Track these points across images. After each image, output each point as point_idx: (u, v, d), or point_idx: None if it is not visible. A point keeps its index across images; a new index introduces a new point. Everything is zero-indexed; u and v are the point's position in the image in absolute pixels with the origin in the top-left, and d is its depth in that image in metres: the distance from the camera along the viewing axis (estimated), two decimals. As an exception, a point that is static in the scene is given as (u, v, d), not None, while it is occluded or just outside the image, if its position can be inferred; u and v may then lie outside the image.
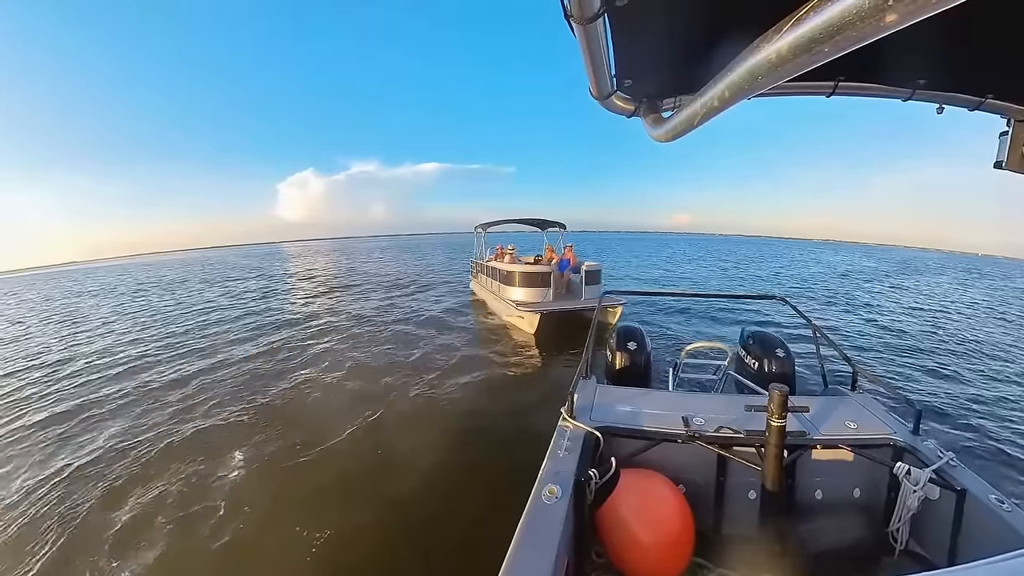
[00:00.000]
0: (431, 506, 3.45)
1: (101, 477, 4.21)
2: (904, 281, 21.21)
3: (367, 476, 3.97)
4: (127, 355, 8.80)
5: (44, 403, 6.40)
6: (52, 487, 4.09)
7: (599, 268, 10.04)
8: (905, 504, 1.75)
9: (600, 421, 2.05)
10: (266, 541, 3.23)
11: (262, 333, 10.03)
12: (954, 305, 14.24)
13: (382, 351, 8.06)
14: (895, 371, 7.00)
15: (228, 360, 7.88)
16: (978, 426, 4.86)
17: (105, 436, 5.09)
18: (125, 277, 35.20)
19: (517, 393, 5.86)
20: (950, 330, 10.16)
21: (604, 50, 1.10)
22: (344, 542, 3.16)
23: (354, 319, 11.22)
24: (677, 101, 1.60)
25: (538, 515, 1.37)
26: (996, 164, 1.49)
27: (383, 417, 5.11)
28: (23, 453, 4.84)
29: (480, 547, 2.80)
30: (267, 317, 12.13)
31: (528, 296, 9.37)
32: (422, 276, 21.83)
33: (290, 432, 4.82)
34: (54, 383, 7.36)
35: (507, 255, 11.58)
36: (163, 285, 24.55)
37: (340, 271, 27.27)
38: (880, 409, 2.22)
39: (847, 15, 0.60)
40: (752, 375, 2.99)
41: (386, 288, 17.60)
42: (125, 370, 7.79)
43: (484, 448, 4.35)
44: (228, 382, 6.68)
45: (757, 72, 0.84)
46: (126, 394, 6.51)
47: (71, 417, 5.77)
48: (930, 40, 1.12)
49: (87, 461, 4.53)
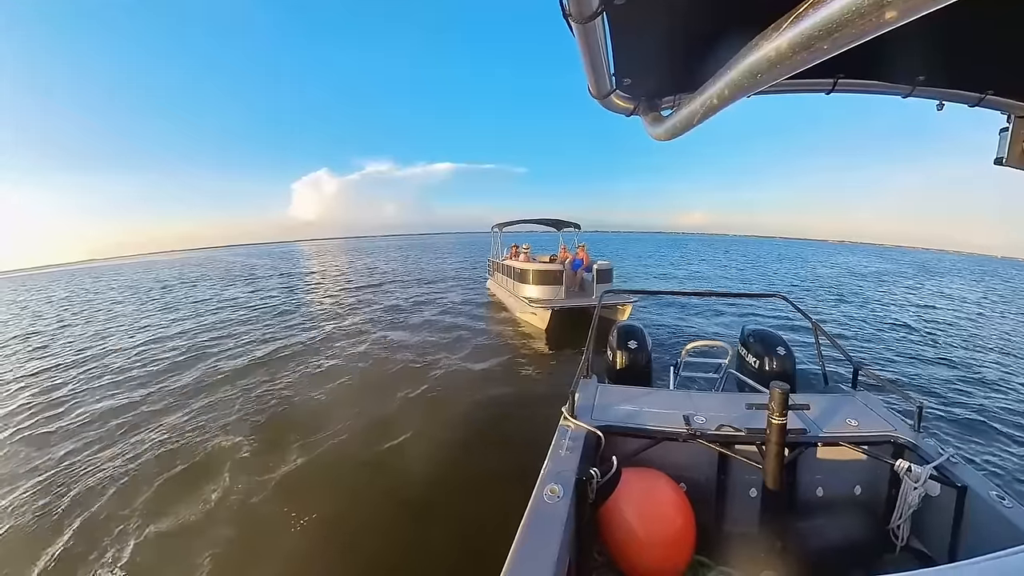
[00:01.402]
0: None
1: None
2: (931, 283, 20.81)
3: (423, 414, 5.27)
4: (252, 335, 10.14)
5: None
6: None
7: (610, 267, 10.36)
8: (906, 501, 1.75)
9: (601, 420, 2.05)
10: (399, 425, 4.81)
11: (312, 324, 11.02)
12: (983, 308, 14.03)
13: (419, 338, 9.27)
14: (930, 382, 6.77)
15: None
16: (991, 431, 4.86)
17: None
18: (158, 273, 36.67)
19: (528, 380, 6.63)
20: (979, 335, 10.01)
21: (603, 49, 1.10)
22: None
23: (387, 310, 12.58)
24: (676, 100, 1.60)
25: (540, 514, 1.37)
26: (996, 160, 1.49)
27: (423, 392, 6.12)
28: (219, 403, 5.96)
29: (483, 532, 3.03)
30: (308, 309, 13.37)
31: (541, 293, 9.84)
32: (440, 274, 22.73)
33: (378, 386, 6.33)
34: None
35: (522, 254, 12.04)
36: (210, 281, 25.70)
37: (363, 270, 28.20)
38: (881, 406, 2.22)
39: (847, 12, 0.60)
40: (753, 373, 2.99)
41: (408, 284, 18.61)
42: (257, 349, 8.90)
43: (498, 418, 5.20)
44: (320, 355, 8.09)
45: (757, 70, 0.84)
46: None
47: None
48: (929, 37, 1.12)
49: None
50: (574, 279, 10.22)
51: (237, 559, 3.09)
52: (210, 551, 3.12)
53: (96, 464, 4.46)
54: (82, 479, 4.18)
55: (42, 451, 4.84)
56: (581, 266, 10.29)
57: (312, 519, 3.40)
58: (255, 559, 3.08)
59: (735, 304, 12.50)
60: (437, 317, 11.25)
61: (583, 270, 10.34)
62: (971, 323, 11.59)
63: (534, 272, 10.04)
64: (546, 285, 9.87)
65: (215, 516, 3.52)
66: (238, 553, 3.13)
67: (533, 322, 9.47)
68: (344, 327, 10.40)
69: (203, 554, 3.09)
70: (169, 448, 4.68)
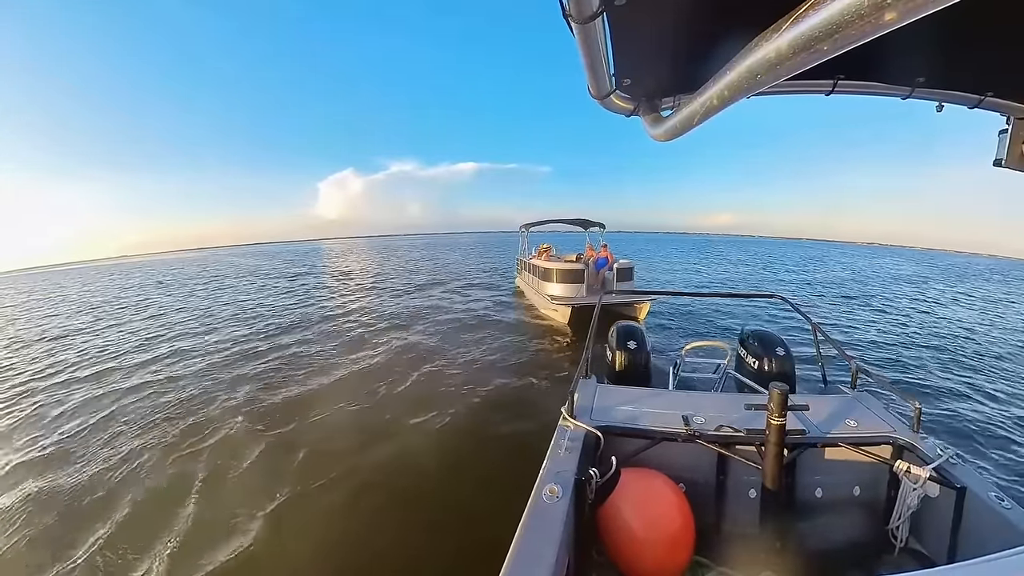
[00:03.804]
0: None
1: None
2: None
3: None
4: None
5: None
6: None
7: (631, 266, 11.00)
8: (905, 502, 1.75)
9: (600, 420, 2.05)
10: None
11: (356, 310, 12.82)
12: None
13: (451, 327, 10.35)
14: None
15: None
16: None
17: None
18: (211, 268, 38.90)
19: (546, 366, 7.56)
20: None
21: (603, 49, 1.10)
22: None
23: (428, 308, 13.31)
24: (676, 100, 1.60)
25: (539, 514, 1.37)
26: (995, 162, 1.49)
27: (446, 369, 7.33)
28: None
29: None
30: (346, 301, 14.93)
31: (563, 291, 10.43)
32: (471, 272, 23.64)
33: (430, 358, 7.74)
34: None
35: (544, 253, 12.66)
36: (260, 275, 27.67)
37: (397, 267, 29.27)
38: (880, 407, 2.21)
39: (846, 13, 0.60)
40: (752, 374, 2.99)
41: (440, 283, 19.85)
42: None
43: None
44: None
45: (756, 71, 0.84)
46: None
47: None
48: (929, 38, 1.12)
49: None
50: (596, 278, 10.66)
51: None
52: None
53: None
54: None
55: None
56: (606, 265, 10.73)
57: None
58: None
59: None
60: (470, 309, 12.56)
61: (606, 269, 10.78)
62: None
63: (557, 271, 10.59)
64: (568, 283, 10.41)
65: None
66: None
67: (556, 318, 10.13)
68: (395, 313, 12.10)
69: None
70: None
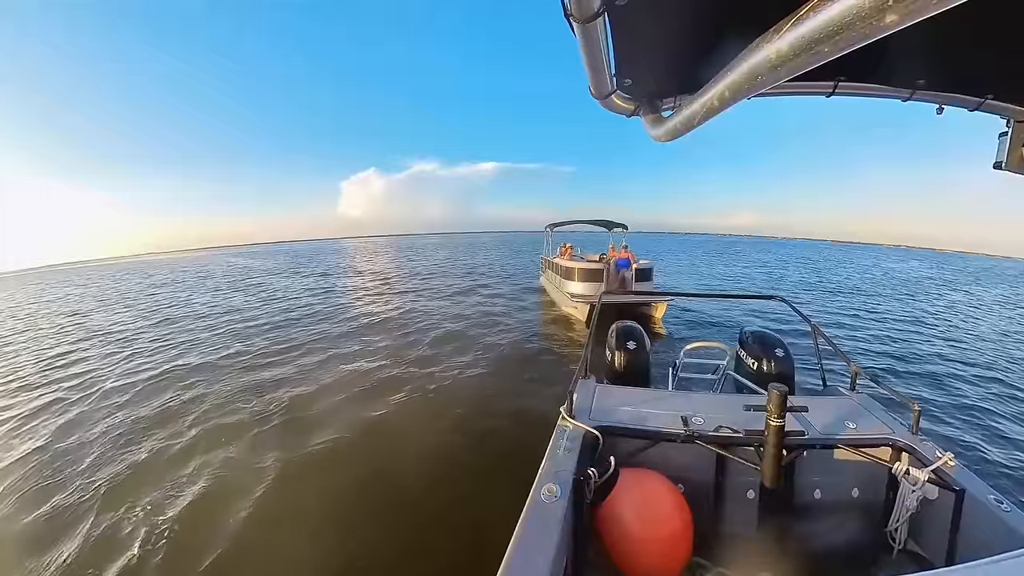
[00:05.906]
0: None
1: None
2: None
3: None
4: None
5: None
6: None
7: (650, 266, 11.65)
8: (904, 504, 1.75)
9: (599, 420, 2.05)
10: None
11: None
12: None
13: (482, 318, 11.51)
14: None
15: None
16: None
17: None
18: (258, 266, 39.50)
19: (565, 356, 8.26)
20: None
21: (604, 50, 1.10)
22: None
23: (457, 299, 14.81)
24: (677, 101, 1.60)
25: (537, 514, 1.37)
26: (995, 165, 1.49)
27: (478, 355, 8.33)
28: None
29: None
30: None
31: (583, 289, 10.98)
32: (495, 271, 24.99)
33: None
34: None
35: (567, 252, 13.16)
36: (301, 274, 28.09)
37: (428, 265, 30.60)
38: (879, 409, 2.21)
39: (847, 15, 0.60)
40: (751, 375, 2.99)
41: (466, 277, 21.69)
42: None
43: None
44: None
45: (757, 72, 0.84)
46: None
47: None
48: (930, 41, 1.12)
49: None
50: (616, 277, 10.96)
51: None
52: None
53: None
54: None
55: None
56: (628, 265, 11.01)
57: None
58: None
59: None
60: (493, 301, 13.94)
61: (627, 270, 11.06)
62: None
63: (578, 270, 11.20)
64: (588, 282, 10.97)
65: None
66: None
67: (575, 315, 10.79)
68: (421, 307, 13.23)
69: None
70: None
